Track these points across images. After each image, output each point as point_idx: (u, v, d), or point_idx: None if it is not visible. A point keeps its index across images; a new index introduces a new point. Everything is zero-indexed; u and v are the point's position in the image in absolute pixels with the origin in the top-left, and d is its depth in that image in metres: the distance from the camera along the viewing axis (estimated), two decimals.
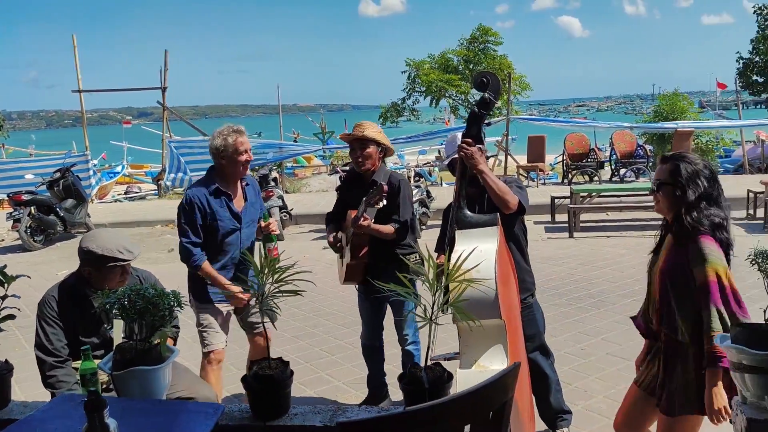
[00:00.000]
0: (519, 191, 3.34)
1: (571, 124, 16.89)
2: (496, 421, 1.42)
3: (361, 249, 3.89)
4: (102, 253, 3.05)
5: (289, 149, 15.99)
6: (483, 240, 2.60)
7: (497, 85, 2.88)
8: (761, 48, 25.34)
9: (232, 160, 3.75)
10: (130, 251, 3.12)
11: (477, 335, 2.37)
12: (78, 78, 15.73)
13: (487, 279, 2.38)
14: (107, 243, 3.08)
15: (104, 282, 3.09)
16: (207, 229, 3.75)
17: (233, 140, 3.73)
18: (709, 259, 2.46)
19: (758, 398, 2.11)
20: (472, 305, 2.25)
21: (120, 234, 3.31)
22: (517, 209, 3.26)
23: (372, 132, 3.91)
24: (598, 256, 8.23)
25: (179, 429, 2.02)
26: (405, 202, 3.92)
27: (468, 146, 2.95)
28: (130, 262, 3.15)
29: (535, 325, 3.61)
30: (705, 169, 2.59)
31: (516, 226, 3.50)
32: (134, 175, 24.20)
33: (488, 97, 2.86)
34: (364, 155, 3.89)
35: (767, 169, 16.02)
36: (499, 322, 2.42)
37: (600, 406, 4.13)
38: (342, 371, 4.96)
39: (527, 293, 3.56)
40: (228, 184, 3.84)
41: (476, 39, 25.27)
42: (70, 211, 11.17)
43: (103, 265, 3.07)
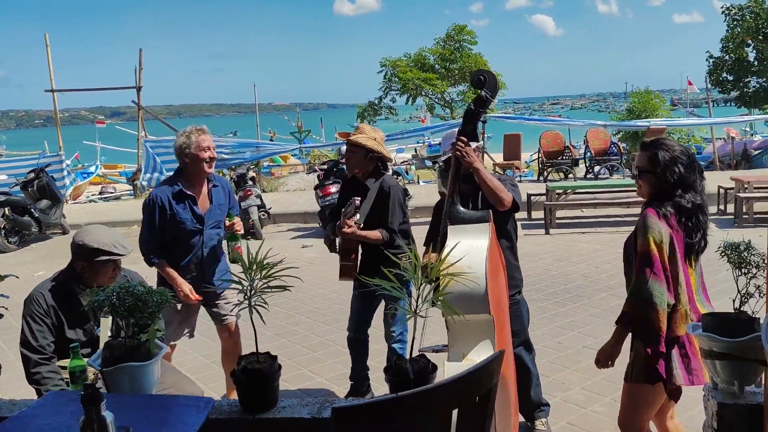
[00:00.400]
0: (513, 189, 3.41)
1: (546, 122, 17.08)
2: (483, 405, 1.49)
3: (351, 252, 4.01)
4: (97, 247, 3.08)
5: (266, 148, 15.95)
6: (475, 236, 2.66)
7: (494, 83, 2.94)
8: (730, 47, 25.79)
9: (195, 158, 3.82)
10: (124, 246, 3.16)
11: (466, 329, 2.44)
12: (51, 77, 15.53)
13: (477, 274, 2.45)
14: (102, 237, 3.12)
15: (96, 277, 3.11)
16: (167, 228, 3.84)
17: (196, 138, 3.80)
18: (647, 231, 2.56)
19: (728, 384, 2.21)
20: (462, 300, 2.31)
21: (108, 229, 3.33)
22: (511, 207, 3.33)
23: (362, 138, 3.98)
24: (574, 251, 8.37)
25: (172, 422, 2.07)
26: (395, 208, 3.99)
27: (463, 144, 3.00)
28: (121, 259, 3.17)
29: (521, 321, 3.69)
30: (682, 156, 2.67)
31: (509, 223, 3.57)
32: (108, 176, 23.92)
33: (485, 95, 2.93)
34: (350, 160, 4.03)
35: (737, 165, 16.36)
36: (488, 317, 2.49)
37: (577, 398, 4.23)
38: (324, 368, 5.02)
39: (515, 290, 3.63)
40: (193, 184, 3.90)
41: (451, 38, 25.40)
42: (45, 212, 11.06)
43: (96, 260, 3.09)
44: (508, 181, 3.49)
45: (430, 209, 3.85)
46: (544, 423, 3.80)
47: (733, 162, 16.68)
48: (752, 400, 2.17)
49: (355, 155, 3.99)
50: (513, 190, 3.41)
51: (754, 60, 25.34)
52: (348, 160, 4.06)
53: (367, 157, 3.98)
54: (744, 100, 26.29)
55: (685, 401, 2.86)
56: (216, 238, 4.01)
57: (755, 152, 17.13)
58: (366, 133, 4.06)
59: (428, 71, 25.04)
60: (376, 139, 4.03)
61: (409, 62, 25.54)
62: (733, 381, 2.18)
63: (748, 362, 2.12)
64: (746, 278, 2.27)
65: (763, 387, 2.15)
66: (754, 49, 25.28)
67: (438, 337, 2.85)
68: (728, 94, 28.44)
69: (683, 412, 2.97)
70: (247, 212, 10.37)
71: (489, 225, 2.80)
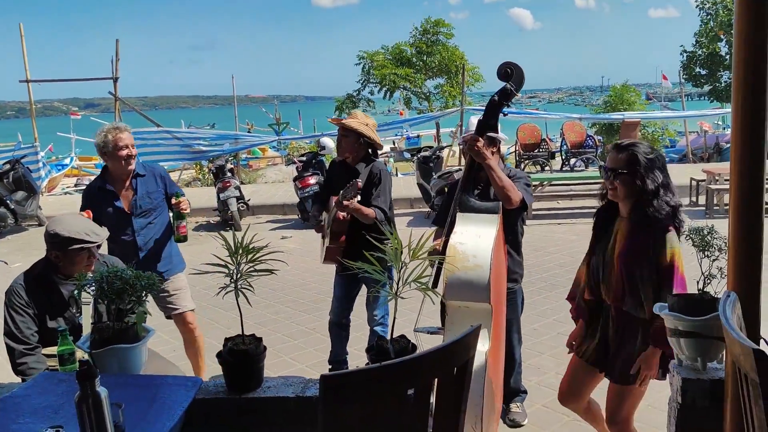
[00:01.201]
0: (525, 189, 3.45)
1: (522, 115, 17.24)
2: (460, 376, 1.58)
3: (340, 235, 4.07)
4: (68, 236, 3.08)
5: (244, 140, 15.93)
6: (483, 226, 2.70)
7: (521, 76, 2.94)
8: (704, 41, 26.16)
9: (114, 156, 3.91)
10: (97, 234, 3.17)
11: (464, 315, 2.51)
12: (26, 68, 15.32)
13: (482, 263, 2.51)
14: (73, 226, 3.13)
15: (71, 266, 3.13)
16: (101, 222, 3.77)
17: (113, 137, 3.88)
18: (674, 247, 2.65)
19: (692, 360, 2.33)
20: (464, 287, 2.38)
21: (80, 218, 3.36)
22: (519, 205, 3.37)
23: (354, 123, 4.06)
24: (550, 242, 8.53)
25: (161, 400, 2.14)
26: (385, 192, 4.07)
27: (477, 141, 3.05)
28: (96, 246, 3.20)
29: (516, 310, 3.78)
30: (658, 159, 2.74)
31: (518, 219, 3.63)
32: (83, 168, 23.68)
33: (510, 88, 2.94)
34: (342, 143, 4.11)
35: (709, 158, 16.67)
36: (487, 306, 2.55)
37: (552, 382, 4.36)
38: (305, 355, 5.10)
39: (514, 281, 3.70)
40: (115, 180, 4.01)
41: (428, 31, 25.43)
42: (21, 204, 10.97)
43: (69, 248, 3.10)
44: (522, 180, 3.52)
45: (408, 201, 3.95)
46: (519, 406, 3.92)
47: (705, 155, 16.98)
48: (714, 375, 2.30)
49: (347, 139, 4.07)
50: (524, 189, 3.45)
51: (726, 54, 25.73)
52: (339, 143, 4.15)
53: (358, 142, 4.06)
54: (717, 94, 26.70)
55: None
56: (153, 225, 4.09)
57: (727, 145, 17.43)
58: (358, 118, 4.15)
59: (405, 65, 25.07)
60: (368, 125, 4.11)
61: (386, 55, 25.55)
62: (696, 357, 2.30)
63: (710, 340, 2.24)
64: (709, 261, 2.40)
65: (724, 363, 2.28)
66: (727, 44, 25.66)
67: (434, 320, 2.91)
68: (701, 88, 28.84)
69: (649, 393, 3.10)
70: (226, 203, 10.38)
71: (498, 216, 2.84)
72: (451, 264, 2.40)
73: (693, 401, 2.27)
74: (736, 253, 2.06)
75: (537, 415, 3.96)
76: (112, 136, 3.88)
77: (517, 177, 3.51)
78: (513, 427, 3.84)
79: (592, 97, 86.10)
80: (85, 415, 1.72)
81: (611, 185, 2.78)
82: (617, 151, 2.78)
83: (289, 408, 2.43)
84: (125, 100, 16.63)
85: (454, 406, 1.57)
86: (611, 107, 18.80)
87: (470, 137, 3.09)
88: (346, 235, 4.09)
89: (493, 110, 3.03)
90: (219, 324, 5.72)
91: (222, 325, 5.69)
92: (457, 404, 1.57)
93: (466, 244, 2.42)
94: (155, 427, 1.97)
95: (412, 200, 11.31)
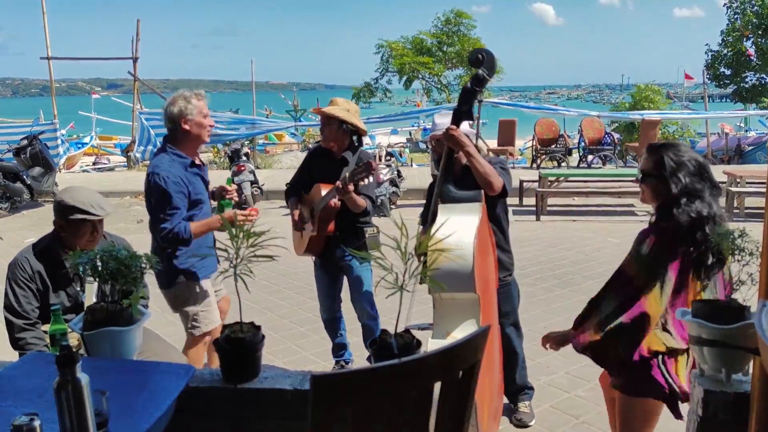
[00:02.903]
0: (502, 173, 3.35)
1: (541, 110, 17.03)
2: (466, 380, 1.46)
3: (329, 223, 3.94)
4: (72, 204, 3.02)
5: (261, 125, 15.87)
6: (465, 214, 2.64)
7: (492, 62, 2.90)
8: (730, 40, 25.72)
9: (199, 125, 3.49)
10: (102, 208, 3.10)
11: (451, 307, 2.42)
12: (47, 44, 15.35)
13: (465, 252, 2.42)
14: (80, 196, 3.07)
15: (74, 238, 3.07)
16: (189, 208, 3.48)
17: (197, 102, 3.47)
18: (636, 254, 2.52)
19: (715, 371, 2.18)
20: (448, 276, 2.29)
21: (93, 192, 3.23)
22: (501, 192, 3.27)
23: (336, 110, 3.92)
24: (564, 239, 8.37)
25: (150, 388, 2.03)
26: (372, 181, 3.90)
27: (451, 130, 2.99)
28: (100, 220, 3.12)
29: (512, 302, 3.67)
30: (690, 162, 2.54)
31: (498, 206, 3.51)
32: (102, 147, 23.79)
33: (482, 74, 2.89)
34: (325, 132, 3.97)
35: (730, 160, 16.39)
36: (473, 296, 2.47)
37: (561, 382, 4.24)
38: (310, 342, 5.01)
39: (506, 272, 3.60)
40: (191, 155, 3.56)
41: (450, 21, 25.21)
42: (38, 180, 10.99)
43: (71, 218, 3.03)
44: (498, 164, 3.42)
45: (423, 192, 3.83)
46: (528, 405, 3.80)
47: (726, 157, 16.70)
48: (739, 388, 2.15)
49: (330, 127, 3.93)
50: (503, 174, 3.34)
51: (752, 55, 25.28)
52: (322, 133, 4.01)
53: (341, 130, 3.92)
54: (740, 95, 26.26)
55: None
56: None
57: (749, 148, 17.16)
58: (339, 105, 4.01)
59: (425, 54, 24.87)
60: (350, 110, 3.97)
61: (406, 45, 25.36)
62: (720, 368, 2.15)
63: (736, 350, 2.10)
64: (739, 265, 2.25)
65: (750, 375, 2.13)
66: (753, 44, 25.21)
67: (425, 318, 2.84)
68: (724, 89, 28.39)
69: None
70: (240, 187, 10.34)
71: (480, 205, 2.77)
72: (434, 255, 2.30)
73: (715, 414, 2.12)
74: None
75: (545, 415, 3.83)
76: (196, 101, 3.46)
77: (492, 162, 3.41)
78: (519, 427, 3.73)
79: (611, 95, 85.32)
80: (64, 402, 1.62)
81: (640, 188, 2.69)
82: (648, 153, 2.66)
83: (286, 400, 2.32)
84: (147, 81, 16.62)
85: (457, 413, 1.44)
86: (636, 105, 18.53)
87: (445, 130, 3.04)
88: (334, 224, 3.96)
89: (467, 97, 2.99)
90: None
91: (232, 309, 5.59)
92: (461, 412, 1.44)
93: (447, 235, 2.33)
94: (142, 416, 1.87)
95: (426, 191, 11.16)
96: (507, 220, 3.63)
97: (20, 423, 1.58)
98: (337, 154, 3.98)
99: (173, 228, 3.35)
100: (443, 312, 2.44)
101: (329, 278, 4.20)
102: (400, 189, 10.71)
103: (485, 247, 2.73)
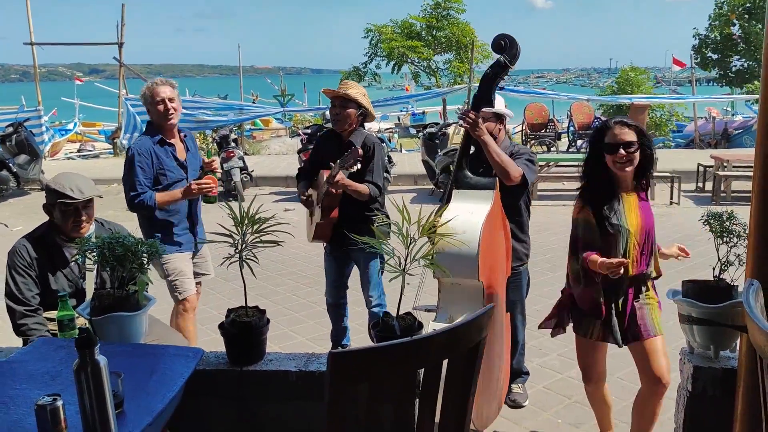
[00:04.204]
0: (526, 165, 3.34)
1: (530, 95, 17.07)
2: (471, 357, 1.53)
3: (332, 210, 3.89)
4: (53, 188, 3.11)
5: (249, 111, 15.80)
6: (477, 201, 2.67)
7: (515, 48, 2.84)
8: (717, 24, 25.84)
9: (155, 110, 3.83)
10: (81, 191, 3.13)
11: (455, 292, 2.47)
12: (30, 30, 15.17)
13: (471, 238, 2.46)
14: (61, 180, 3.15)
15: (61, 223, 3.14)
16: (154, 180, 3.79)
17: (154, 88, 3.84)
18: None
19: (704, 348, 2.28)
20: (452, 261, 2.34)
21: (81, 177, 3.28)
22: (520, 182, 3.27)
23: (355, 93, 3.85)
24: (554, 223, 8.46)
25: (161, 370, 2.09)
26: (378, 166, 3.90)
27: (473, 117, 2.97)
28: (85, 205, 3.15)
29: (520, 292, 3.69)
30: None
31: (521, 198, 3.52)
32: (86, 133, 23.57)
33: (504, 60, 2.85)
34: (343, 115, 3.82)
35: (717, 144, 16.53)
36: (477, 283, 2.51)
37: (554, 363, 4.33)
38: (306, 328, 5.07)
39: (519, 262, 3.60)
40: (168, 135, 3.90)
41: (439, 5, 25.15)
42: (24, 167, 10.90)
43: (54, 201, 3.12)
44: (524, 156, 3.42)
45: (413, 177, 3.84)
46: (521, 387, 3.88)
47: (713, 141, 16.84)
48: (726, 364, 2.25)
49: (347, 110, 3.83)
50: (526, 166, 3.34)
51: (738, 39, 25.42)
52: (339, 115, 3.83)
53: (359, 114, 3.88)
54: (727, 78, 26.43)
55: None
56: None
57: (735, 132, 17.29)
58: (355, 88, 3.94)
59: (414, 39, 24.81)
60: (365, 95, 3.96)
61: (395, 29, 25.28)
62: (709, 345, 2.25)
63: (725, 328, 2.19)
64: (727, 247, 2.33)
65: (737, 352, 2.22)
66: (740, 28, 25.34)
67: (433, 299, 2.86)
68: (710, 72, 28.55)
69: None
70: (230, 174, 10.31)
71: (494, 193, 2.78)
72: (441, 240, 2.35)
73: (703, 390, 2.22)
74: (757, 239, 2.00)
75: (538, 396, 3.93)
76: (153, 86, 3.84)
77: (519, 153, 3.41)
78: (514, 408, 3.81)
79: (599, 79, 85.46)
80: (83, 383, 1.67)
81: (628, 158, 2.75)
82: (627, 127, 2.78)
83: (290, 382, 2.39)
84: (130, 66, 16.47)
85: (463, 387, 1.52)
86: (619, 90, 18.62)
87: (463, 115, 3.03)
88: (337, 210, 3.92)
89: (487, 84, 2.96)
90: (220, 294, 5.68)
91: (223, 295, 5.65)
92: (466, 386, 1.52)
93: (456, 220, 2.37)
94: (155, 397, 1.93)
95: (416, 177, 11.23)
96: (528, 211, 3.64)
97: (44, 403, 1.64)
98: (345, 137, 3.94)
99: (138, 195, 3.71)
100: (447, 296, 2.49)
101: (338, 266, 4.14)
102: (390, 175, 10.75)
103: (495, 235, 2.76)
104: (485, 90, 2.96)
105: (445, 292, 2.49)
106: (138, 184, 3.72)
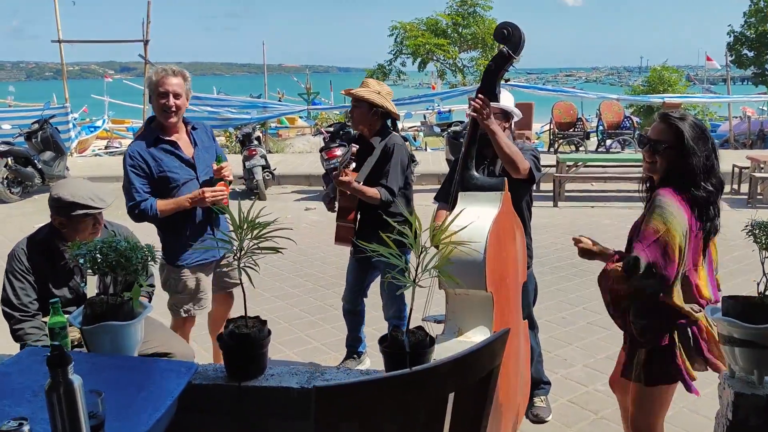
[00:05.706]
0: (532, 160, 3.15)
1: (558, 93, 16.72)
2: (482, 388, 1.34)
3: (349, 212, 3.79)
4: (72, 200, 2.91)
5: (273, 108, 15.73)
6: (483, 205, 2.48)
7: (519, 39, 2.63)
8: (753, 22, 25.18)
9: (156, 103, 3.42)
10: (102, 200, 2.98)
11: (463, 303, 2.30)
12: (58, 27, 15.26)
13: (477, 246, 2.28)
14: (78, 190, 2.95)
15: (76, 233, 2.96)
16: (158, 183, 3.41)
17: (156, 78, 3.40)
18: (658, 212, 2.34)
19: (747, 372, 2.06)
20: (458, 270, 2.16)
21: (86, 183, 3.14)
22: (527, 177, 3.09)
23: (365, 92, 3.72)
24: (582, 225, 8.20)
25: (150, 387, 1.94)
26: (396, 169, 3.72)
27: (480, 103, 2.76)
28: (101, 212, 3.02)
29: (526, 297, 3.52)
30: (705, 134, 2.44)
31: (524, 198, 3.35)
32: (115, 130, 23.76)
33: (506, 51, 2.65)
34: (353, 115, 3.81)
35: (752, 145, 16.07)
36: (485, 293, 2.33)
37: (579, 375, 4.11)
38: (321, 332, 4.91)
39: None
40: (168, 131, 3.48)
41: (465, 2, 24.87)
42: (49, 164, 10.93)
43: (73, 214, 2.93)
44: (529, 152, 3.23)
45: (437, 176, 3.68)
46: (544, 400, 3.68)
47: (748, 141, 16.36)
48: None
49: (358, 110, 3.75)
50: (531, 160, 3.15)
51: None
52: (352, 115, 3.85)
53: (372, 113, 3.74)
54: (763, 77, 25.76)
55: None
56: None
57: None
58: (370, 86, 3.82)
59: (440, 36, 24.57)
60: (381, 93, 3.77)
61: (420, 26, 25.07)
62: (752, 370, 2.03)
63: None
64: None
65: None
66: None
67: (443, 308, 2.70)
68: (745, 71, 27.85)
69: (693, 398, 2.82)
70: (252, 172, 10.22)
71: (502, 194, 2.60)
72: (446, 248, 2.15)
73: (746, 419, 2.01)
74: None
75: (562, 410, 3.72)
76: (158, 77, 3.39)
77: (524, 149, 3.21)
78: (536, 423, 3.61)
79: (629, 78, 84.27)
80: (55, 406, 1.53)
81: (650, 159, 2.49)
82: (663, 121, 2.49)
83: (292, 399, 2.22)
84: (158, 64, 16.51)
85: (472, 424, 1.32)
86: (651, 89, 18.18)
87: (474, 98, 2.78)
88: (358, 214, 3.80)
89: (490, 78, 2.76)
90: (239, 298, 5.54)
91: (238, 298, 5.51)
92: (476, 422, 1.33)
93: (461, 227, 2.17)
94: (140, 417, 1.78)
95: (440, 176, 11.02)
96: (530, 212, 3.48)
97: (8, 429, 1.49)
98: (367, 138, 3.81)
99: (137, 204, 3.37)
100: (455, 307, 2.31)
101: (359, 271, 4.00)
102: (414, 174, 10.56)
103: (504, 240, 2.57)
104: (488, 83, 2.76)
105: (452, 303, 2.31)
106: (135, 192, 3.37)
